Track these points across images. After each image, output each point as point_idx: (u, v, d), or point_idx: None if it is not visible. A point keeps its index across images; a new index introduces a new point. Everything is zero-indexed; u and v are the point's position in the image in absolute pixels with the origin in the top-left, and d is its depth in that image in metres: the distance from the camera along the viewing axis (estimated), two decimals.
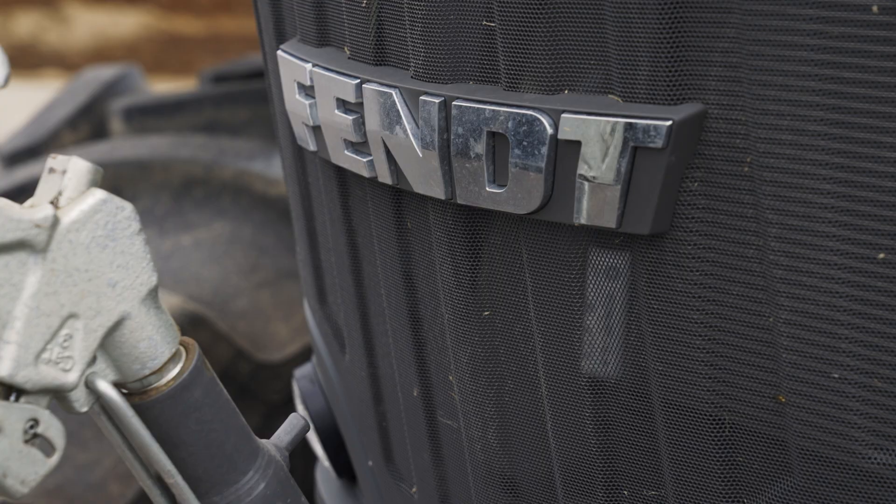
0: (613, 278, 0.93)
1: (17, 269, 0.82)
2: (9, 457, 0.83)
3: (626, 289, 0.93)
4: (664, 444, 0.93)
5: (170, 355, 0.90)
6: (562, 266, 0.95)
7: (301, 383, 1.39)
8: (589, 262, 0.94)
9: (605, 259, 0.93)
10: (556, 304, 0.97)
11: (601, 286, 0.94)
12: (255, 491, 0.94)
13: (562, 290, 0.96)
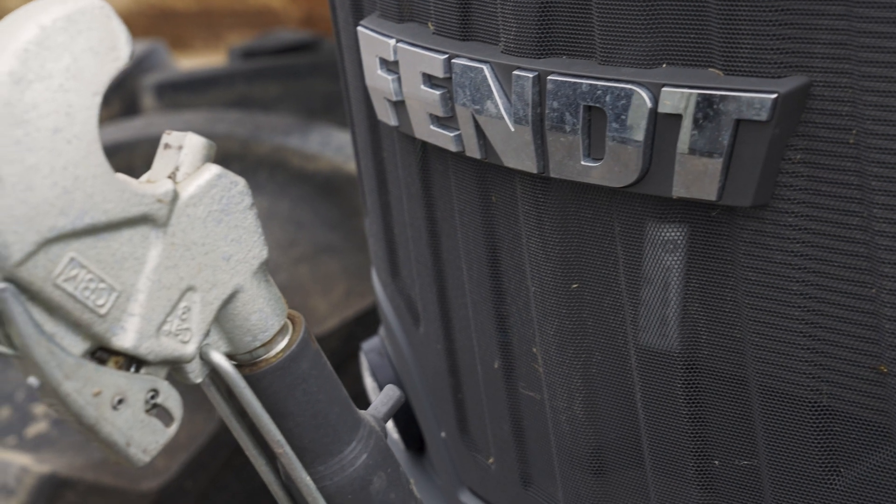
0: (709, 251, 0.95)
1: (140, 243, 0.84)
2: (132, 426, 0.85)
3: (722, 262, 0.94)
4: (758, 415, 0.95)
5: (279, 328, 0.92)
6: (655, 239, 0.97)
7: (369, 356, 1.41)
8: (684, 235, 0.96)
9: (701, 232, 0.95)
10: (649, 275, 0.98)
11: (696, 259, 0.96)
12: (358, 461, 0.96)
13: (655, 264, 0.98)
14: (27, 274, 0.79)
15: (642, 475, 1.05)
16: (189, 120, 2.44)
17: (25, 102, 0.77)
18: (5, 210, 0.77)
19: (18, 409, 2.07)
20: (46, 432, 2.05)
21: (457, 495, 1.28)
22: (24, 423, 2.05)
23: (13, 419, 2.06)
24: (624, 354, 1.03)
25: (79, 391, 0.82)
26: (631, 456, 1.06)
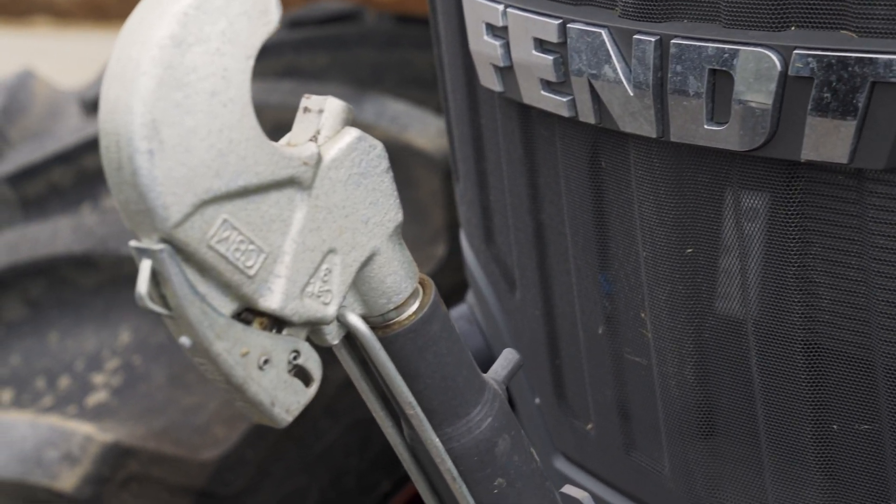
0: (835, 216, 0.96)
1: (286, 205, 0.85)
2: (276, 386, 0.86)
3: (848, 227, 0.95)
4: (882, 377, 0.96)
5: (412, 290, 0.93)
6: (777, 202, 0.98)
7: (458, 323, 1.42)
8: (808, 199, 0.96)
9: (826, 196, 0.95)
10: (770, 240, 0.99)
11: (820, 224, 0.96)
12: (484, 423, 0.97)
13: (776, 227, 0.98)
14: (184, 235, 0.80)
15: (755, 439, 1.06)
16: None
17: (185, 65, 0.78)
18: (165, 172, 0.78)
19: (78, 378, 2.08)
20: (106, 402, 2.06)
21: (551, 462, 1.30)
22: (84, 392, 2.07)
23: (73, 389, 2.07)
24: (740, 320, 1.04)
25: (228, 351, 0.83)
26: (743, 420, 1.07)
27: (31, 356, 2.18)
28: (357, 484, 2.22)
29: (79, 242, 2.19)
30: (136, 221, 0.80)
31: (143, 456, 1.99)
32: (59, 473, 1.96)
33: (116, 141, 0.78)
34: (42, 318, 2.21)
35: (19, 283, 2.22)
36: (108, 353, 2.14)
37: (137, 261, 0.81)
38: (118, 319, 2.17)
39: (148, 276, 0.80)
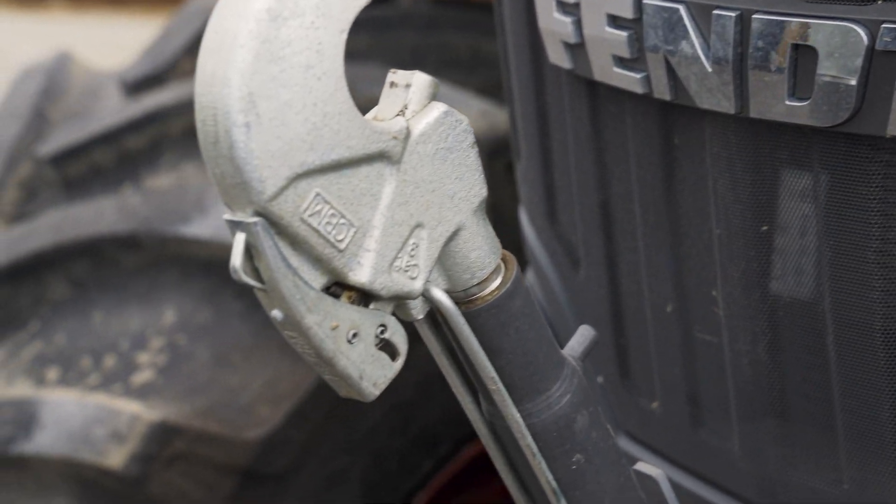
0: None
1: (376, 179, 0.85)
2: (364, 360, 0.87)
3: None
4: None
5: (495, 266, 0.93)
6: (859, 180, 0.97)
7: None
8: (891, 175, 0.96)
9: None
10: (850, 218, 0.99)
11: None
12: (563, 400, 0.97)
13: (858, 204, 0.98)
14: (278, 209, 0.80)
15: (830, 420, 1.06)
16: None
17: (281, 39, 0.78)
18: (261, 146, 0.79)
19: (123, 357, 2.09)
20: (152, 381, 2.06)
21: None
22: (129, 371, 2.07)
23: (118, 368, 2.08)
24: (818, 297, 1.03)
25: (319, 324, 0.84)
26: (818, 401, 1.06)
27: (76, 335, 2.19)
28: (399, 464, 2.23)
29: (123, 222, 2.20)
30: (232, 195, 0.81)
31: (189, 434, 2.00)
32: (106, 451, 1.97)
33: (213, 114, 0.78)
34: (86, 297, 2.22)
35: (63, 263, 2.23)
36: (152, 332, 2.14)
37: (231, 234, 0.82)
38: (162, 299, 2.18)
39: (242, 249, 0.81)
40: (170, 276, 2.15)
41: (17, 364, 2.18)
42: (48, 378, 2.13)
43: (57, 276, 2.21)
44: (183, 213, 2.16)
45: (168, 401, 2.04)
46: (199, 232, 2.12)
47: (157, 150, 2.42)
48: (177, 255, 2.15)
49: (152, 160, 2.41)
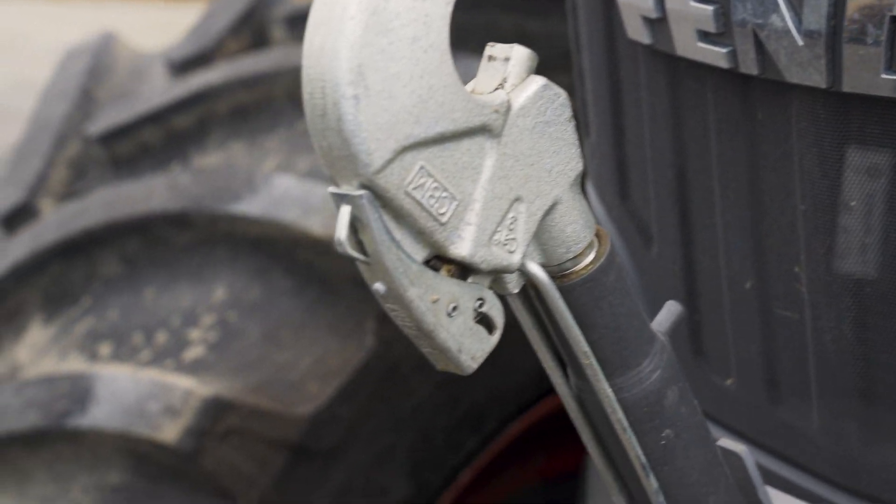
0: None
1: (477, 153, 0.85)
2: (463, 333, 0.87)
3: None
4: None
5: (590, 240, 0.93)
6: None
7: None
8: None
9: None
10: None
11: None
12: (654, 375, 0.97)
13: None
14: (383, 181, 0.81)
15: None
16: None
17: (390, 11, 0.78)
18: (369, 118, 0.79)
19: (174, 334, 2.10)
20: (203, 357, 2.08)
21: None
22: (181, 347, 2.09)
23: (170, 344, 2.10)
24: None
25: (420, 297, 0.84)
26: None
27: (127, 312, 2.21)
28: (445, 441, 2.23)
29: (174, 201, 2.21)
30: (338, 167, 0.81)
31: (242, 410, 2.01)
32: (161, 425, 1.99)
33: (322, 87, 0.79)
34: (138, 274, 2.23)
35: (115, 241, 2.25)
36: (203, 309, 2.15)
37: (336, 207, 0.82)
38: (212, 277, 2.19)
39: (347, 222, 0.81)
40: (220, 253, 2.16)
41: (70, 340, 2.20)
42: (101, 354, 2.14)
43: (108, 253, 2.22)
44: (233, 192, 2.17)
45: (219, 377, 2.05)
46: (249, 210, 2.13)
47: (205, 130, 2.43)
48: (227, 233, 2.16)
49: (200, 139, 2.42)
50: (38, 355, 2.24)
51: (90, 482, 2.05)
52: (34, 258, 2.25)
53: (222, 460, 2.00)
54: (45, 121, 2.50)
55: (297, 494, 2.05)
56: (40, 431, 2.03)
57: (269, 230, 2.11)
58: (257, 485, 2.01)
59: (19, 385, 2.09)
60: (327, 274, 2.07)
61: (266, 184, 2.16)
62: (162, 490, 2.00)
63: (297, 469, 2.05)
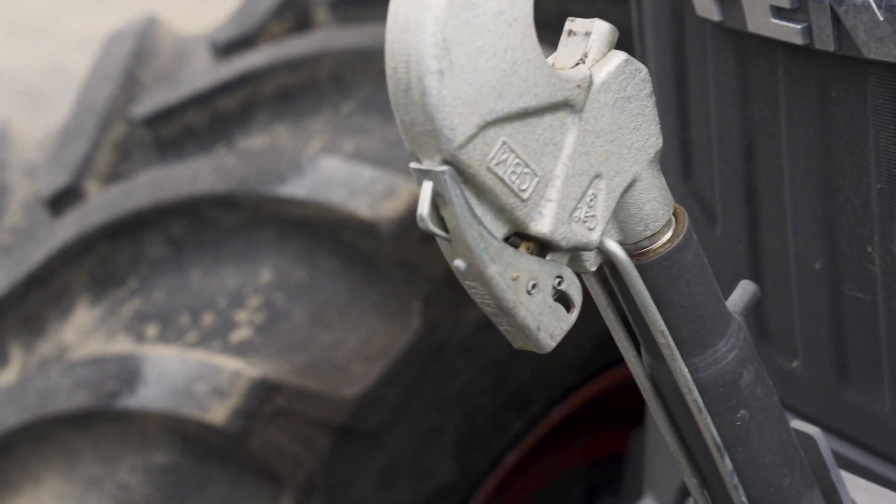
0: None
1: (559, 128, 0.85)
2: (542, 311, 0.86)
3: None
4: None
5: (668, 218, 0.92)
6: None
7: None
8: None
9: None
10: None
11: None
12: (730, 355, 0.96)
13: None
14: (466, 157, 0.80)
15: None
16: (374, 34, 2.43)
17: None
18: (453, 92, 0.78)
19: (221, 315, 2.11)
20: (250, 338, 2.08)
21: None
22: (227, 329, 2.09)
23: (216, 325, 2.10)
24: None
25: (501, 274, 0.84)
26: None
27: (174, 293, 2.21)
28: (490, 424, 2.23)
29: (220, 182, 2.21)
30: (420, 143, 0.80)
31: (289, 391, 2.01)
32: (209, 406, 1.99)
33: (406, 61, 0.78)
34: (184, 256, 2.24)
35: (161, 222, 2.25)
36: (249, 290, 2.16)
37: (417, 183, 0.81)
38: (258, 258, 2.19)
39: (429, 197, 0.81)
40: (266, 235, 2.17)
41: (117, 321, 2.21)
42: (147, 335, 2.15)
43: (154, 234, 2.23)
44: (279, 173, 2.17)
45: (266, 358, 2.05)
46: (296, 192, 2.13)
47: (249, 112, 2.43)
48: (273, 215, 2.16)
49: (244, 121, 2.42)
50: (85, 336, 2.25)
51: (137, 462, 2.06)
52: (81, 240, 2.26)
53: (269, 441, 2.00)
54: (91, 103, 2.51)
55: (342, 476, 2.05)
56: (89, 412, 2.04)
57: (315, 212, 2.10)
58: (304, 466, 2.02)
59: (68, 366, 2.10)
60: (373, 255, 2.07)
61: (312, 165, 2.16)
62: (208, 471, 2.01)
63: (343, 450, 2.05)
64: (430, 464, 2.15)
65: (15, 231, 2.56)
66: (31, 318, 2.35)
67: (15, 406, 2.14)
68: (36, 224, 2.55)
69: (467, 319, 2.14)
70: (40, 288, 2.31)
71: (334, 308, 2.08)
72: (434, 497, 2.17)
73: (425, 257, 2.08)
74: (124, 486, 2.04)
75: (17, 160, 2.70)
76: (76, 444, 2.10)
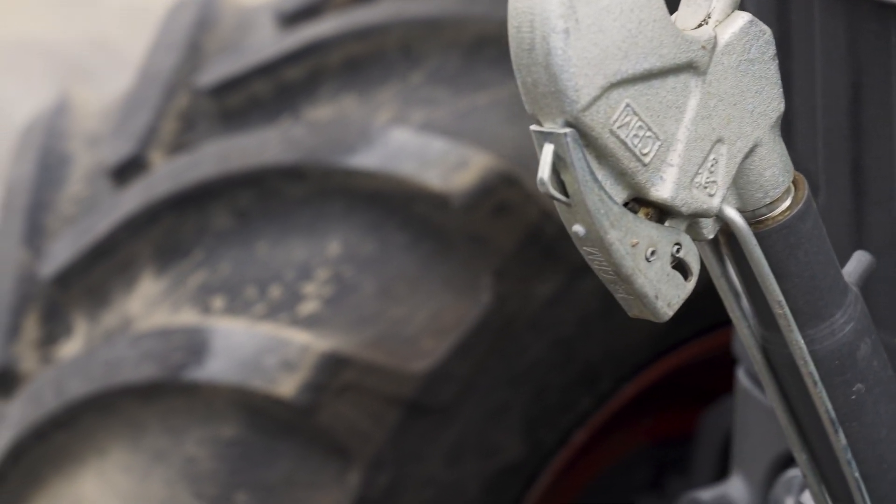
0: None
1: (681, 91, 0.82)
2: (660, 279, 0.84)
3: None
4: None
5: (787, 185, 0.90)
6: None
7: None
8: None
9: None
10: None
11: None
12: (847, 327, 0.94)
13: None
14: (589, 119, 0.78)
15: None
16: (443, 3, 2.40)
17: None
18: (579, 53, 0.76)
19: (288, 288, 2.09)
20: (318, 312, 2.07)
21: None
22: (295, 302, 2.08)
23: (284, 298, 2.09)
24: None
25: (620, 241, 0.81)
26: None
27: (240, 265, 2.20)
28: (559, 400, 2.20)
29: (288, 153, 2.19)
30: (542, 105, 0.78)
31: (358, 365, 2.00)
32: (278, 379, 1.98)
33: (531, 20, 0.76)
34: (250, 227, 2.23)
35: (228, 193, 2.24)
36: (317, 263, 2.14)
37: (538, 146, 0.79)
38: (326, 230, 2.17)
39: (550, 161, 0.78)
40: (334, 207, 2.15)
41: (182, 292, 2.20)
42: (214, 307, 2.14)
43: (221, 205, 2.21)
44: (348, 144, 2.14)
45: (335, 332, 2.04)
46: (365, 163, 2.10)
47: (316, 82, 2.40)
48: (342, 187, 2.14)
49: (310, 92, 2.40)
50: (150, 308, 2.24)
51: (204, 435, 2.05)
52: (146, 210, 2.25)
53: (338, 416, 1.98)
54: (154, 73, 2.50)
55: (410, 452, 2.03)
56: (156, 384, 2.03)
57: (385, 184, 2.08)
58: (372, 441, 2.00)
59: (135, 337, 2.09)
60: (443, 228, 2.05)
61: (382, 136, 2.13)
62: (276, 445, 2.00)
63: (411, 426, 2.03)
64: (498, 441, 2.13)
65: (77, 201, 2.56)
66: (96, 288, 2.34)
67: (81, 377, 2.14)
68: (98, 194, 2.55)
69: (537, 294, 2.11)
70: (105, 259, 2.31)
71: (404, 281, 2.06)
72: (501, 474, 2.15)
73: (496, 231, 2.05)
74: (190, 459, 2.04)
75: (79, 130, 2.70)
76: (142, 416, 2.10)
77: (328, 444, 1.98)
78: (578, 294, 2.12)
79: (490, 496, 2.13)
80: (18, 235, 2.41)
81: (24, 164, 2.55)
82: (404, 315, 2.03)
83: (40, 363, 2.35)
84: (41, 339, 2.36)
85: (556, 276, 2.14)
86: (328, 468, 2.00)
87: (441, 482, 2.08)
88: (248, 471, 2.00)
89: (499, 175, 2.05)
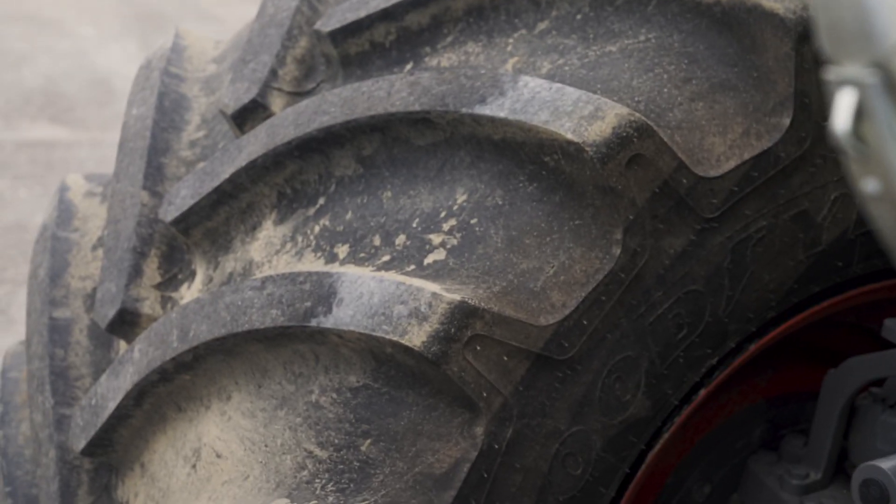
0: None
1: None
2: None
3: None
4: None
5: None
6: None
7: None
8: None
9: None
10: None
11: None
12: None
13: None
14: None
15: None
16: None
17: None
18: None
19: (414, 237, 2.06)
20: (445, 262, 2.03)
21: None
22: (422, 251, 2.04)
23: (410, 247, 2.05)
24: None
25: None
26: None
27: (364, 213, 2.16)
28: (685, 356, 2.16)
29: (416, 100, 2.14)
30: (844, 45, 0.73)
31: (487, 317, 1.96)
32: (407, 329, 1.95)
33: None
34: (375, 175, 2.19)
35: (353, 140, 2.20)
36: (444, 213, 2.10)
37: (833, 92, 0.74)
38: (453, 180, 2.13)
39: (851, 107, 0.73)
40: (462, 156, 2.10)
41: (305, 239, 2.18)
42: (338, 255, 2.11)
43: (345, 152, 2.18)
44: (479, 93, 2.09)
45: (463, 282, 2.00)
46: (496, 112, 2.05)
47: (439, 29, 2.36)
48: (470, 136, 2.09)
49: (433, 39, 2.35)
50: (273, 254, 2.22)
51: (329, 383, 2.02)
52: (269, 156, 2.22)
53: (465, 367, 1.96)
54: (274, 16, 2.46)
55: (536, 405, 2.00)
56: (282, 330, 2.01)
57: (515, 133, 2.03)
58: (499, 394, 1.97)
59: (261, 282, 2.07)
60: (575, 180, 2.00)
61: (513, 85, 2.08)
62: (402, 394, 1.97)
63: (538, 379, 2.00)
64: (623, 396, 2.09)
65: (195, 145, 2.54)
66: (217, 233, 2.33)
67: (207, 320, 2.12)
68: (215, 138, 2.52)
69: (667, 249, 2.07)
70: (227, 203, 2.29)
71: (532, 233, 2.01)
72: (626, 430, 2.11)
73: (629, 183, 2.00)
74: (315, 406, 2.01)
75: (195, 74, 2.68)
76: (267, 361, 2.08)
77: (455, 396, 1.95)
78: (708, 249, 2.08)
79: (612, 451, 2.10)
80: (138, 178, 2.40)
81: (141, 107, 2.53)
82: (532, 267, 1.99)
83: (161, 305, 2.34)
84: (162, 281, 2.35)
85: (687, 231, 2.09)
86: (454, 420, 1.98)
87: (565, 436, 2.05)
88: (373, 419, 1.97)
89: (633, 126, 1.99)
